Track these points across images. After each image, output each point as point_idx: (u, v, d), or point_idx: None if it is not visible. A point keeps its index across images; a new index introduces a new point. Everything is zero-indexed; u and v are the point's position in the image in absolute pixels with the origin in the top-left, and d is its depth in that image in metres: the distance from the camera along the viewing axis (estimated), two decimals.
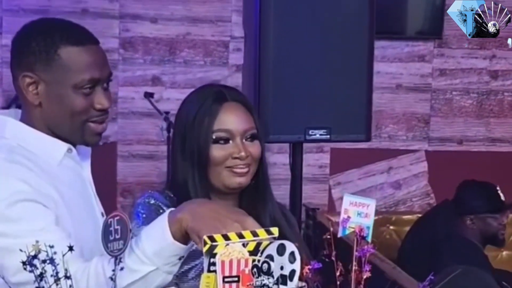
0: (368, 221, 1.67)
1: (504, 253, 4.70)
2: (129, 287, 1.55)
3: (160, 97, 4.80)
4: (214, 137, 1.92)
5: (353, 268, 1.57)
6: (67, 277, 1.39)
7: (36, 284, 1.37)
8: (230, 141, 1.94)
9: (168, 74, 4.92)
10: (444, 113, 5.16)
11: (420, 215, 4.52)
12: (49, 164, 1.78)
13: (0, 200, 1.66)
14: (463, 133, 5.18)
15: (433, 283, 1.67)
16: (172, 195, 1.96)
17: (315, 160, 5.03)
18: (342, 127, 2.63)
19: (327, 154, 5.12)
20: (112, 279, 1.47)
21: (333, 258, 1.61)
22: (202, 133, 1.93)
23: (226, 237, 1.36)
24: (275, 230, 1.42)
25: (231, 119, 1.94)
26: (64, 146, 1.81)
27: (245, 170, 1.94)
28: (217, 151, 1.93)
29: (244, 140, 1.95)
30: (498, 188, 3.86)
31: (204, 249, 1.36)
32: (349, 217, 1.68)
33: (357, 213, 1.69)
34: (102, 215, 1.85)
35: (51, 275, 1.38)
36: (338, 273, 1.59)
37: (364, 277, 1.56)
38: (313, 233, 4.33)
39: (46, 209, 1.69)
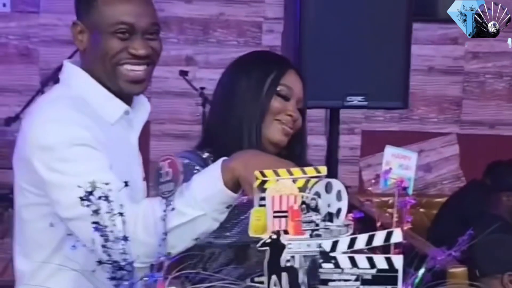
0: (410, 173, 1.69)
1: None
2: (176, 229, 1.58)
3: (194, 76, 4.84)
4: (278, 89, 2.05)
5: (394, 219, 1.60)
6: (121, 214, 1.44)
7: (93, 219, 1.41)
8: (290, 100, 2.07)
9: (202, 54, 4.95)
10: (476, 96, 5.14)
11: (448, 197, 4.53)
12: (104, 121, 1.83)
13: (60, 142, 1.72)
14: (495, 117, 5.16)
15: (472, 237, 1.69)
16: (205, 155, 2.02)
17: (345, 142, 5.04)
18: (379, 94, 2.65)
19: (358, 136, 5.13)
20: (163, 219, 1.51)
21: (374, 209, 1.64)
22: (267, 83, 2.05)
23: (276, 173, 1.40)
24: (323, 169, 1.45)
25: (294, 82, 2.09)
26: (122, 108, 1.85)
27: (290, 130, 2.07)
28: (277, 102, 2.05)
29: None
30: None
31: (255, 184, 1.39)
32: (390, 168, 1.70)
33: (398, 165, 1.71)
34: (144, 179, 1.90)
35: (106, 212, 1.42)
36: (379, 224, 1.62)
37: (405, 228, 1.59)
38: None
39: (102, 154, 1.74)
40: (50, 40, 4.84)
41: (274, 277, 1.33)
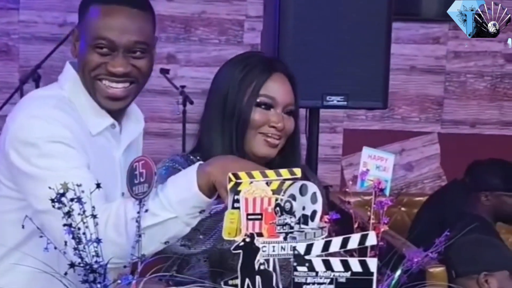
0: (387, 175, 1.69)
1: None
2: (146, 230, 1.56)
3: (175, 74, 4.82)
4: (258, 100, 1.96)
5: (371, 220, 1.59)
6: (93, 215, 1.42)
7: (64, 221, 1.40)
8: (272, 109, 1.97)
9: (183, 52, 4.93)
10: (458, 95, 5.16)
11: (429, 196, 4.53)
12: (87, 131, 1.81)
13: (40, 137, 1.71)
14: (476, 116, 5.18)
15: (448, 238, 1.69)
16: (196, 159, 1.97)
17: (327, 141, 5.04)
18: (359, 94, 2.64)
19: (340, 134, 5.13)
20: (137, 221, 1.50)
21: (351, 211, 1.63)
22: (247, 93, 1.96)
23: (250, 175, 1.38)
24: (297, 171, 1.44)
25: (277, 88, 1.98)
26: (108, 121, 1.84)
27: (277, 142, 1.97)
28: (257, 114, 1.96)
29: (283, 113, 1.98)
30: None
31: (229, 186, 1.38)
32: (368, 170, 1.69)
33: (375, 167, 1.70)
34: (122, 194, 1.86)
35: (78, 213, 1.41)
36: (356, 225, 1.61)
37: (382, 229, 1.58)
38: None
39: (80, 154, 1.73)
40: (30, 37, 4.80)
41: (247, 280, 1.31)
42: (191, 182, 1.60)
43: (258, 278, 1.30)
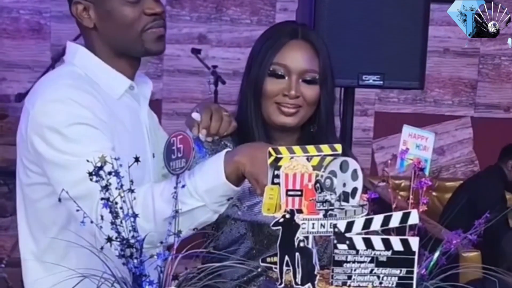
0: (427, 154, 1.65)
1: None
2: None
3: (206, 55, 4.80)
4: (270, 69, 1.92)
5: (410, 200, 1.56)
6: (131, 190, 1.40)
7: (102, 195, 1.38)
8: (286, 77, 1.92)
9: (215, 32, 4.91)
10: (492, 78, 5.09)
11: (463, 182, 4.49)
12: (109, 97, 1.80)
13: (60, 121, 1.69)
14: (511, 100, 5.11)
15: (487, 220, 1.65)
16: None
17: (359, 123, 5.01)
18: (395, 74, 2.59)
19: (371, 117, 5.09)
20: (174, 197, 1.48)
21: (390, 190, 1.60)
22: (262, 64, 1.92)
23: (290, 150, 1.35)
24: (338, 147, 1.41)
25: (292, 56, 1.92)
26: (127, 82, 1.84)
27: (292, 110, 1.92)
28: (270, 85, 1.92)
29: (300, 81, 1.93)
30: None
31: (269, 161, 1.35)
32: (407, 148, 1.66)
33: (415, 146, 1.67)
34: (153, 156, 1.86)
35: (116, 188, 1.39)
36: (394, 206, 1.58)
37: (421, 210, 1.55)
38: None
39: (104, 136, 1.71)
40: (62, 16, 4.81)
41: (287, 257, 1.29)
42: (218, 171, 1.59)
43: (297, 255, 1.28)
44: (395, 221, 1.35)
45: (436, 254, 1.58)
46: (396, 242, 1.33)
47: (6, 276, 4.02)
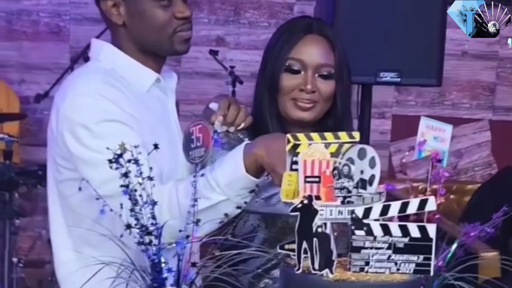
0: (445, 146, 1.66)
1: None
2: (201, 214, 1.54)
3: (224, 57, 4.81)
4: (286, 64, 1.92)
5: (428, 191, 1.56)
6: (150, 178, 1.41)
7: (122, 182, 1.39)
8: (302, 72, 1.92)
9: (233, 34, 4.93)
10: (510, 81, 5.06)
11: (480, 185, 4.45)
12: (138, 90, 1.83)
13: (89, 117, 1.72)
14: None
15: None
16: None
17: (376, 126, 4.99)
18: (413, 71, 2.60)
19: (389, 120, 5.08)
20: (193, 186, 1.49)
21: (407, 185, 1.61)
22: (277, 59, 1.93)
23: (309, 137, 1.36)
24: (356, 134, 1.42)
25: (308, 51, 1.93)
26: (154, 75, 1.86)
27: (309, 105, 1.93)
28: (286, 80, 1.93)
29: (316, 75, 1.93)
30: None
31: (287, 147, 1.36)
32: (425, 140, 1.67)
33: (433, 137, 1.68)
34: None
35: (135, 175, 1.40)
36: (412, 197, 1.58)
37: (438, 202, 1.55)
38: None
39: (133, 130, 1.73)
40: (81, 18, 4.85)
41: (305, 243, 1.30)
42: (238, 164, 1.61)
43: (315, 241, 1.28)
44: (412, 208, 1.35)
45: (454, 246, 1.58)
46: (413, 229, 1.33)
47: (24, 276, 4.04)
